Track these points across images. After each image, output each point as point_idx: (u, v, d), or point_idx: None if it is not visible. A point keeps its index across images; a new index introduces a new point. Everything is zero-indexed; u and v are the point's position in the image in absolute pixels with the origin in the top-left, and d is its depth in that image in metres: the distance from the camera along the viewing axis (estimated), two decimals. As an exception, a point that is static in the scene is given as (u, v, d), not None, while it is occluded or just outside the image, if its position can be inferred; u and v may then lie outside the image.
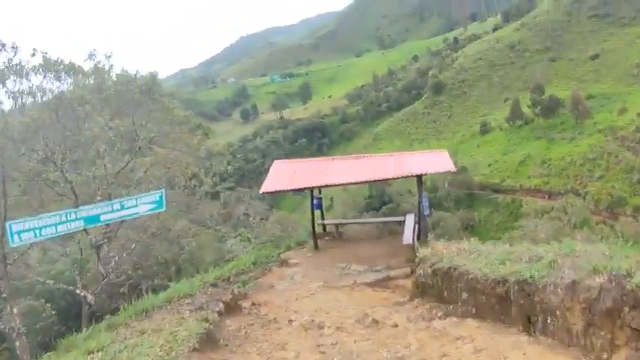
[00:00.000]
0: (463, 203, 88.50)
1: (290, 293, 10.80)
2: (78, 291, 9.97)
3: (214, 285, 9.89)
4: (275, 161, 15.00)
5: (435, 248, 7.98)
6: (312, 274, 12.32)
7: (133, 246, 14.12)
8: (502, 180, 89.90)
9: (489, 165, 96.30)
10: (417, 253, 12.94)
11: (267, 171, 14.51)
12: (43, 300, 44.88)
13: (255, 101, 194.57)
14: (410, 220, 14.28)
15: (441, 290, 7.23)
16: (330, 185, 13.21)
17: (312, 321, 7.81)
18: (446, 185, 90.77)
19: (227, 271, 15.14)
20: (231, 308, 9.18)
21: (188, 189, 14.66)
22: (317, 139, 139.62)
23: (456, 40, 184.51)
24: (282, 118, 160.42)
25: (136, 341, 6.27)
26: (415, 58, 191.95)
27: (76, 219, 8.79)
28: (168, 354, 5.54)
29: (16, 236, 8.25)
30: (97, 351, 6.09)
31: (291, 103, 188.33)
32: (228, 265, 17.00)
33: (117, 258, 11.22)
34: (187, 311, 8.24)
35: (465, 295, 6.54)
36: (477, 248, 7.40)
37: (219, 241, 49.80)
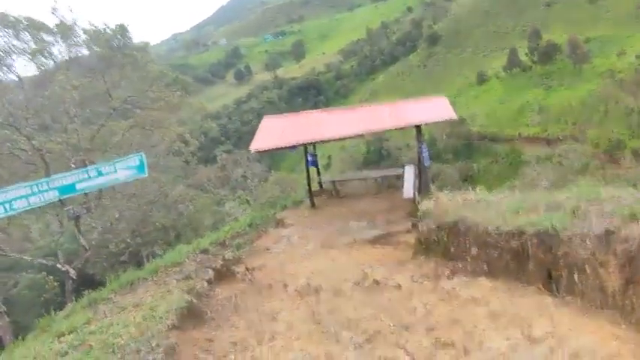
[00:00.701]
0: (462, 154, 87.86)
1: (286, 256, 10.22)
2: (59, 265, 9.36)
3: (205, 251, 9.29)
4: (265, 117, 14.17)
5: (439, 200, 7.28)
6: (309, 235, 11.72)
7: (117, 215, 13.34)
8: (500, 129, 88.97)
9: (487, 115, 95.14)
10: (419, 207, 12.41)
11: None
12: (45, 273, 44.97)
13: (249, 62, 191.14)
14: (409, 172, 13.59)
15: (447, 246, 6.58)
16: (324, 140, 12.45)
17: (308, 285, 7.23)
18: (444, 137, 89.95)
19: (222, 235, 14.60)
20: (223, 275, 8.61)
21: (174, 152, 13.72)
22: (312, 97, 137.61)
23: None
24: (276, 77, 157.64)
25: (111, 320, 5.67)
26: (409, 10, 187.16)
27: (49, 189, 8.10)
28: (143, 334, 4.92)
29: (-22, 210, 7.57)
30: (69, 333, 5.48)
31: (284, 62, 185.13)
32: (224, 228, 16.47)
33: (100, 228, 10.54)
34: (174, 281, 7.66)
35: (474, 251, 5.87)
36: (484, 198, 6.70)
37: (218, 205, 49.46)
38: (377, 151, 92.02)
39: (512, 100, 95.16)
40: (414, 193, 12.54)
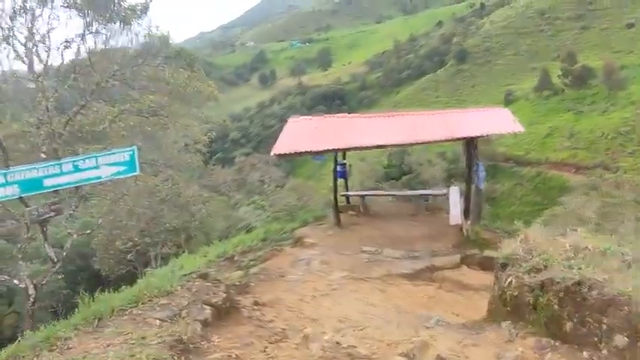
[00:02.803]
0: (486, 175, 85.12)
1: (305, 287, 8.24)
2: (16, 281, 7.51)
3: (204, 276, 7.33)
4: (291, 118, 12.29)
5: (531, 241, 5.20)
6: (333, 260, 9.75)
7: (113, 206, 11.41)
8: (527, 152, 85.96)
9: (514, 136, 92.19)
10: (467, 235, 10.35)
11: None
12: (65, 253, 43.48)
13: (274, 66, 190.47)
14: (455, 194, 11.57)
15: (557, 319, 4.47)
16: (359, 148, 10.48)
17: (337, 345, 5.22)
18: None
19: (231, 248, 12.76)
20: (225, 312, 6.64)
21: (179, 148, 11.73)
22: (335, 106, 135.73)
23: (482, 5, 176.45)
24: (300, 83, 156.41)
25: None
26: (439, 25, 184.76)
27: (7, 183, 6.27)
28: None
29: None
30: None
31: (309, 69, 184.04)
32: (234, 240, 14.57)
33: (75, 236, 8.67)
34: (157, 322, 5.71)
35: (621, 340, 3.78)
36: (612, 249, 4.56)
37: (232, 209, 47.71)
38: (398, 166, 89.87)
39: (541, 122, 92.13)
40: (462, 220, 10.49)
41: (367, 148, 10.52)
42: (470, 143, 10.65)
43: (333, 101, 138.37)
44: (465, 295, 8.41)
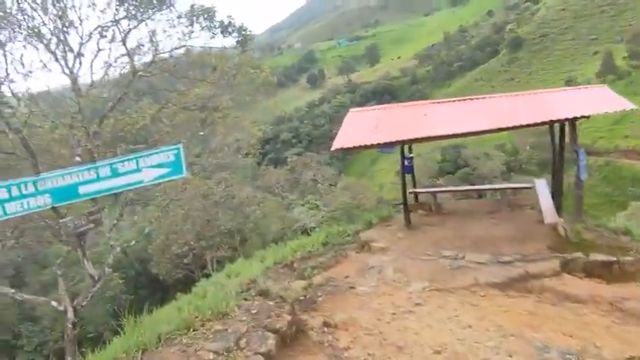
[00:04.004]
0: (548, 166, 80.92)
1: (381, 302, 7.01)
2: (54, 303, 6.72)
3: (265, 294, 6.25)
4: (350, 110, 11.10)
5: None
6: (408, 267, 8.47)
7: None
8: (594, 141, 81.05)
9: (580, 123, 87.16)
10: (566, 236, 8.83)
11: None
12: (111, 269, 44.43)
13: (322, 66, 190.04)
14: (543, 188, 10.01)
15: None
16: (434, 137, 9.14)
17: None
18: (527, 147, 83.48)
19: (289, 253, 11.72)
20: (290, 339, 5.53)
21: (230, 146, 10.60)
22: (386, 101, 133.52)
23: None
24: (349, 81, 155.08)
25: None
26: (489, 14, 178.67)
27: (38, 192, 5.41)
28: None
29: None
30: None
31: (358, 66, 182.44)
32: (292, 244, 13.53)
33: (118, 249, 7.79)
34: (211, 355, 4.68)
35: None
36: None
37: (286, 209, 47.10)
38: (453, 161, 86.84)
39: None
40: (558, 218, 8.95)
41: (445, 137, 9.17)
42: (563, 128, 9.10)
43: (383, 97, 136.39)
44: (572, 309, 6.94)
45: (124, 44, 6.85)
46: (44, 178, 5.37)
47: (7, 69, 6.19)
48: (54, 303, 6.92)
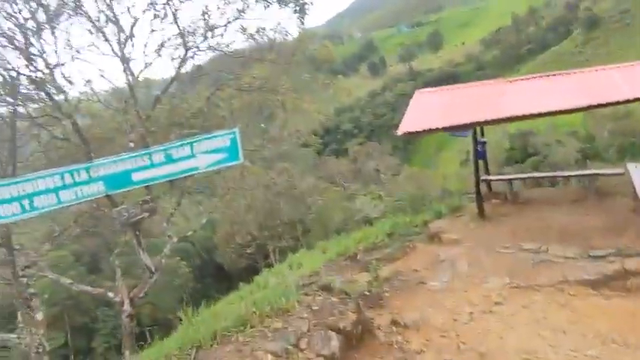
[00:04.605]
0: (627, 153, 75.47)
1: (456, 299, 6.35)
2: (111, 294, 6.58)
3: (327, 288, 5.77)
4: (417, 91, 10.36)
5: None
6: (484, 261, 7.72)
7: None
8: (680, 125, 74.88)
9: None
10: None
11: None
12: (178, 257, 45.87)
13: (383, 54, 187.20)
14: (638, 173, 8.88)
15: None
16: (514, 118, 8.24)
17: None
18: (605, 133, 78.31)
19: (353, 245, 11.21)
20: (355, 339, 5.02)
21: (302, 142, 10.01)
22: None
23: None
24: (411, 69, 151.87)
25: None
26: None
27: (91, 180, 5.18)
28: None
29: (-9, 209, 4.84)
30: None
31: (420, 53, 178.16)
32: (356, 235, 13.00)
33: (175, 240, 7.55)
34: (269, 356, 4.24)
35: None
36: None
37: (348, 199, 46.65)
38: (522, 148, 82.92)
39: (697, 89, 79.72)
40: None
41: (527, 117, 8.22)
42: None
43: (447, 84, 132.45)
44: None
45: (175, 21, 6.54)
46: (96, 164, 5.14)
47: (56, 51, 6.05)
48: (110, 294, 6.77)
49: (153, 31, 6.58)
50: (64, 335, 40.46)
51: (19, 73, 5.92)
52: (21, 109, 6.53)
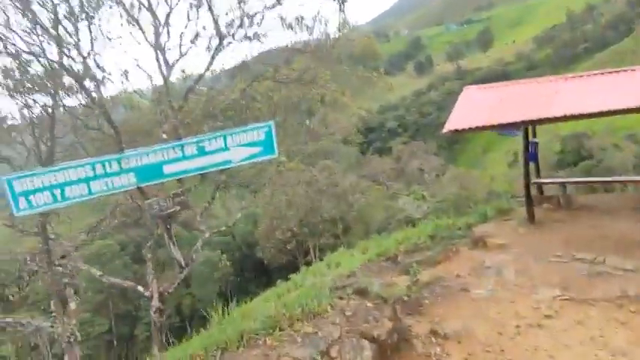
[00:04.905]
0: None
1: (501, 310, 5.91)
2: (140, 288, 6.48)
3: (362, 293, 5.45)
4: (466, 88, 9.86)
5: None
6: (533, 270, 7.21)
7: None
8: None
9: None
10: None
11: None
12: (219, 251, 46.43)
13: (430, 53, 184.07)
14: None
15: None
16: (569, 117, 7.66)
17: None
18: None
19: (393, 246, 10.85)
20: (392, 347, 4.69)
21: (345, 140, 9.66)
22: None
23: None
24: (459, 68, 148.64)
25: None
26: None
27: (122, 171, 5.06)
28: None
29: (22, 200, 4.81)
30: None
31: (469, 52, 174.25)
32: (397, 235, 12.62)
33: (207, 235, 7.37)
34: (297, 363, 3.97)
35: None
36: None
37: (391, 199, 45.98)
38: (575, 151, 79.53)
39: None
40: None
41: (585, 117, 7.60)
42: None
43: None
44: None
45: (210, 9, 6.35)
46: (127, 155, 5.01)
47: (91, 40, 5.97)
48: (140, 288, 6.69)
49: (189, 20, 6.43)
50: (109, 321, 41.75)
51: (50, 61, 5.87)
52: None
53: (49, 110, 6.19)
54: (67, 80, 6.16)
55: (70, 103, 6.49)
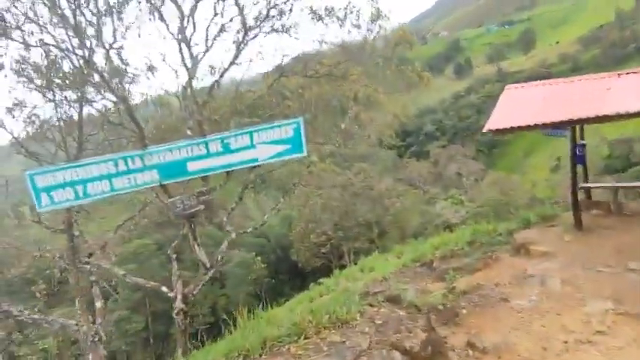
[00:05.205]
0: None
1: (547, 323, 5.46)
2: (164, 289, 6.32)
3: (395, 300, 5.12)
4: (507, 87, 9.38)
5: None
6: (582, 280, 6.69)
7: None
8: None
9: None
10: None
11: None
12: (254, 253, 46.56)
13: (470, 55, 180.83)
14: None
15: None
16: (622, 116, 7.10)
17: None
18: None
19: (429, 251, 10.49)
20: (425, 358, 4.33)
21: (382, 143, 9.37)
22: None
23: None
24: (499, 70, 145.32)
25: None
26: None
27: (145, 168, 4.89)
28: None
29: (44, 195, 4.69)
30: None
31: (510, 54, 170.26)
32: (433, 240, 12.18)
33: (234, 235, 7.16)
34: (321, 376, 3.67)
35: None
36: None
37: (427, 203, 45.15)
38: (623, 156, 76.18)
39: None
40: None
41: (631, 116, 7.06)
42: None
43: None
44: None
45: (236, 1, 6.18)
46: (150, 152, 4.85)
47: (114, 34, 5.88)
48: (164, 289, 6.54)
49: (215, 14, 6.25)
50: (145, 319, 42.42)
51: (79, 57, 5.80)
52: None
53: (77, 106, 6.13)
54: (95, 77, 6.08)
55: (98, 100, 6.44)
